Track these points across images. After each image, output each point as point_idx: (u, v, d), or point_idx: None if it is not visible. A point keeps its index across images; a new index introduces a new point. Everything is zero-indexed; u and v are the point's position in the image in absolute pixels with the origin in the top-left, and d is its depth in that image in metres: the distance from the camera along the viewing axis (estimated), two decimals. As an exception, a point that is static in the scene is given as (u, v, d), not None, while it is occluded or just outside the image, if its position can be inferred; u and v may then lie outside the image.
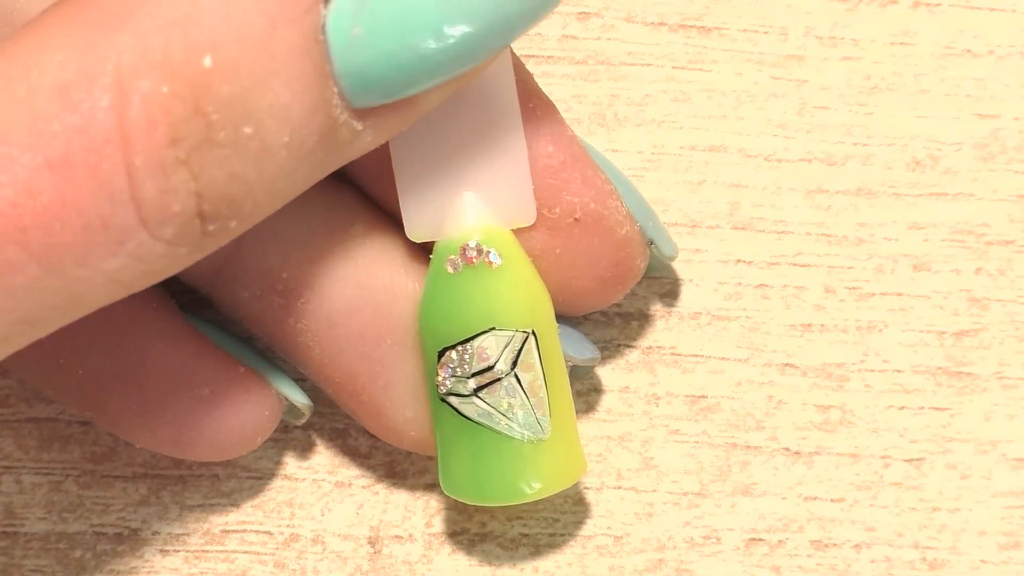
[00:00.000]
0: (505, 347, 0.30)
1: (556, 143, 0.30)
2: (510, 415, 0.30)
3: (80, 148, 0.25)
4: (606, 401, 0.34)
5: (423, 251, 0.31)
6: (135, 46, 0.25)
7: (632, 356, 0.34)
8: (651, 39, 0.35)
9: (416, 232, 0.30)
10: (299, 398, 0.32)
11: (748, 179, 0.34)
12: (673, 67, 0.35)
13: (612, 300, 0.32)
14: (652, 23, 0.35)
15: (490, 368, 0.30)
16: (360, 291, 0.31)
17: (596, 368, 0.34)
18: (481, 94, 0.29)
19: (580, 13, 0.35)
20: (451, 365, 0.30)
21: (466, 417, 0.30)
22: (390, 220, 0.31)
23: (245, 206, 0.26)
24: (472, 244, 0.30)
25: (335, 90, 0.26)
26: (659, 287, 0.34)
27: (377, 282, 0.31)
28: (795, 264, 0.34)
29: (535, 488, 0.30)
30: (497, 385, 0.30)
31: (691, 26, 0.35)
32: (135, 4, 0.25)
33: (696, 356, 0.34)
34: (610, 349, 0.34)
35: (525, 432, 0.30)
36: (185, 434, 0.31)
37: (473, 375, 0.30)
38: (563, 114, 0.31)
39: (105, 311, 0.30)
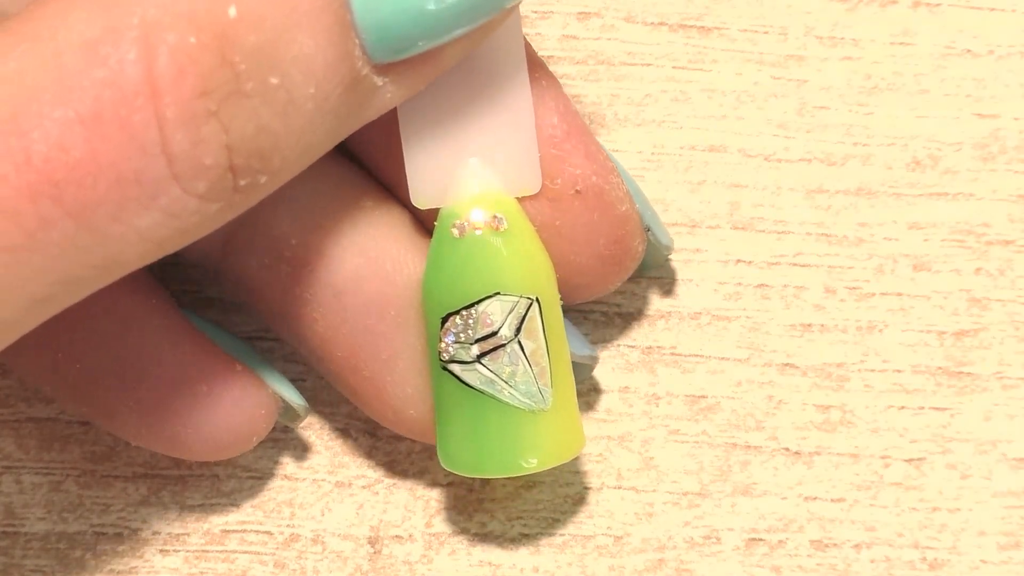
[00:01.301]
0: (509, 312, 0.30)
1: (560, 114, 0.30)
2: (512, 383, 0.30)
3: (110, 102, 0.25)
4: (606, 401, 0.34)
5: (429, 230, 0.31)
6: None
7: (632, 356, 0.34)
8: (651, 39, 0.35)
9: (420, 198, 0.30)
10: (295, 398, 0.32)
11: (748, 179, 0.34)
12: (673, 67, 0.35)
13: (611, 283, 0.31)
14: (652, 23, 0.35)
15: (494, 334, 0.30)
16: (367, 261, 0.31)
17: (596, 368, 0.34)
18: (489, 59, 0.29)
19: (580, 13, 0.35)
20: (455, 330, 0.30)
21: (468, 385, 0.30)
22: (397, 200, 0.31)
23: (274, 160, 0.27)
24: (478, 209, 0.30)
25: (357, 43, 0.27)
26: (659, 287, 0.34)
27: (384, 253, 0.31)
28: (795, 264, 0.34)
29: (532, 463, 0.30)
30: (500, 351, 0.30)
31: (691, 26, 0.35)
32: None
33: (696, 356, 0.34)
34: (610, 349, 0.34)
35: (527, 401, 0.30)
36: (181, 432, 0.31)
37: (476, 341, 0.30)
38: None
39: (102, 307, 0.30)
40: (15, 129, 0.25)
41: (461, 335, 0.30)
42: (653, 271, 0.34)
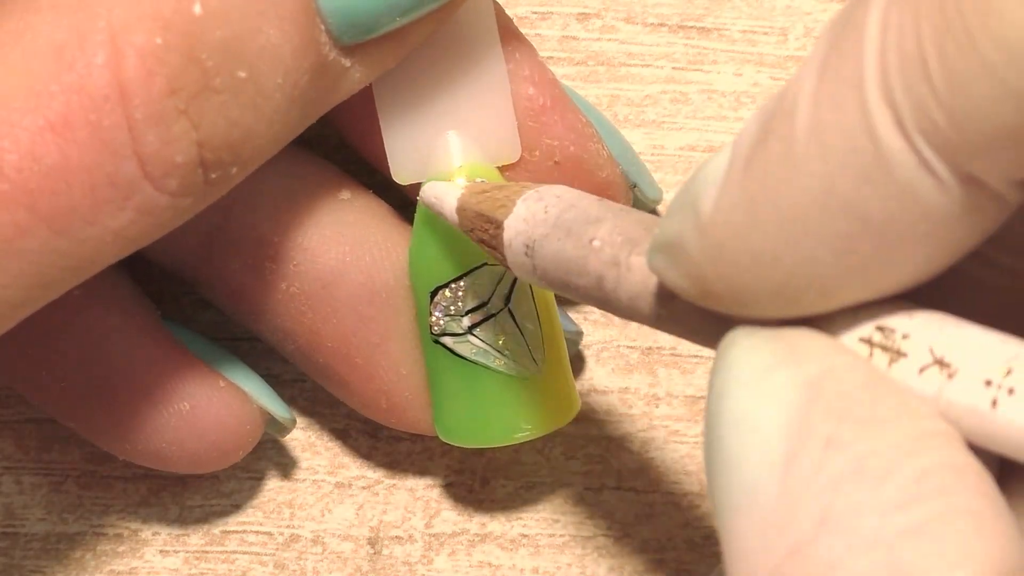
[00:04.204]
0: (498, 282, 0.30)
1: (537, 85, 0.30)
2: (505, 351, 0.30)
3: (79, 107, 0.25)
4: (606, 401, 0.34)
5: (410, 216, 0.31)
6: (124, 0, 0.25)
7: (632, 356, 0.34)
8: (651, 40, 0.35)
9: (402, 174, 0.30)
10: (281, 411, 0.32)
11: (748, 180, 0.34)
12: (673, 68, 0.35)
13: None
14: (652, 24, 0.35)
15: (484, 304, 0.30)
16: (352, 249, 0.31)
17: (596, 368, 0.34)
18: (461, 32, 0.30)
19: (580, 14, 0.35)
20: (444, 303, 0.30)
21: (460, 357, 0.30)
22: (376, 193, 0.32)
23: (245, 151, 0.27)
24: (460, 180, 0.30)
25: (322, 28, 0.27)
26: (659, 288, 0.34)
27: (368, 240, 0.31)
28: (795, 265, 0.34)
29: (527, 429, 0.30)
30: (492, 321, 0.30)
31: (691, 27, 0.35)
32: None
33: (696, 356, 0.34)
34: (610, 350, 0.34)
35: (520, 368, 0.30)
36: (164, 449, 0.31)
37: (467, 312, 0.30)
38: (563, 114, 0.31)
39: (83, 326, 0.30)
40: None
41: (451, 308, 0.30)
42: None
